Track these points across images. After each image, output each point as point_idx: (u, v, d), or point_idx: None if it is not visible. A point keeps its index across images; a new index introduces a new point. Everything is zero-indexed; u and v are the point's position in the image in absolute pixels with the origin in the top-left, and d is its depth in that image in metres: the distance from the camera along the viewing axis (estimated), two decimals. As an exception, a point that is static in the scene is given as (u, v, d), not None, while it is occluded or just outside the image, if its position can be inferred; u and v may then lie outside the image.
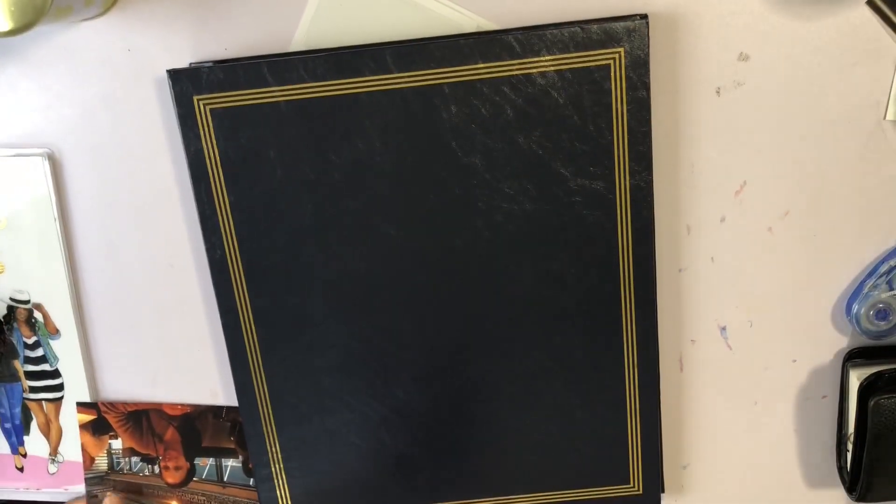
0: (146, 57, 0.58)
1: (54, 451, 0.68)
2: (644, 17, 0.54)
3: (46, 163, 0.60)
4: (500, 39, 0.54)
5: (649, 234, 0.58)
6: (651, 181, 0.57)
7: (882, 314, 0.60)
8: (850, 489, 0.63)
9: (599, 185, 0.57)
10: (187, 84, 0.55)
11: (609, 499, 0.65)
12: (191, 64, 0.56)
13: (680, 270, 0.61)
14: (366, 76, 0.55)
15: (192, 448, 0.67)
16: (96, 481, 0.68)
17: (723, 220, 0.60)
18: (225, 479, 0.67)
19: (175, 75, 0.55)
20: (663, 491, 0.65)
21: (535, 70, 0.55)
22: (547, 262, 0.59)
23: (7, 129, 0.60)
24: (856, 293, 0.61)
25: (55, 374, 0.66)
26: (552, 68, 0.55)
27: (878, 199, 0.59)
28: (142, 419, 0.66)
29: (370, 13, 0.56)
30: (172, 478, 0.68)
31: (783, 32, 0.56)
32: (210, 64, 0.55)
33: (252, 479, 0.67)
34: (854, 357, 0.62)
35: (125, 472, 0.68)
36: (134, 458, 0.68)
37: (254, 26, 0.56)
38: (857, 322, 0.61)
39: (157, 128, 0.59)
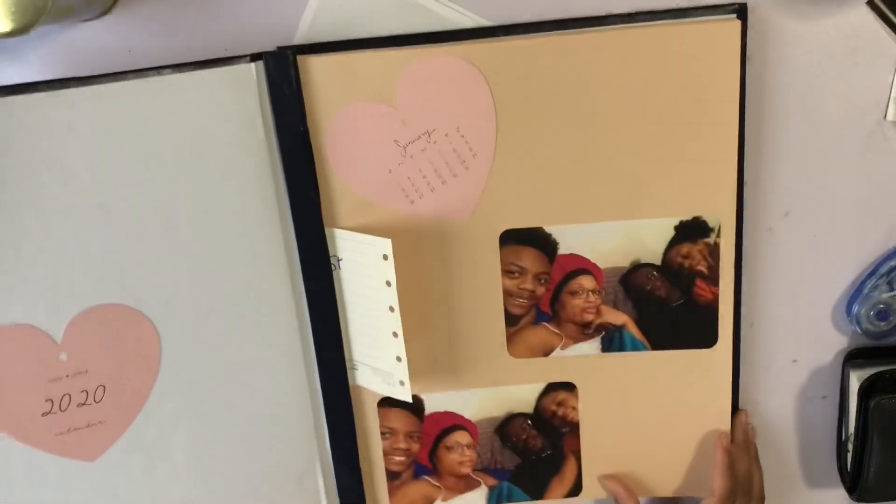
0: (146, 57, 0.58)
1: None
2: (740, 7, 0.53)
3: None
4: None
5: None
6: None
7: (882, 314, 0.60)
8: (850, 489, 0.63)
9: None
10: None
11: None
12: (277, 48, 0.56)
13: (680, 270, 0.61)
14: None
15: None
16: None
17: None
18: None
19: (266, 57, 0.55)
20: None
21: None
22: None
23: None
24: (856, 293, 0.61)
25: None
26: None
27: (878, 199, 0.59)
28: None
29: (371, 11, 0.56)
30: None
31: (783, 32, 0.56)
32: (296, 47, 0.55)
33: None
34: (854, 357, 0.62)
35: None
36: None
37: (255, 26, 0.56)
38: (858, 322, 0.61)
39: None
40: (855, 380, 0.61)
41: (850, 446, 0.63)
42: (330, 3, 0.55)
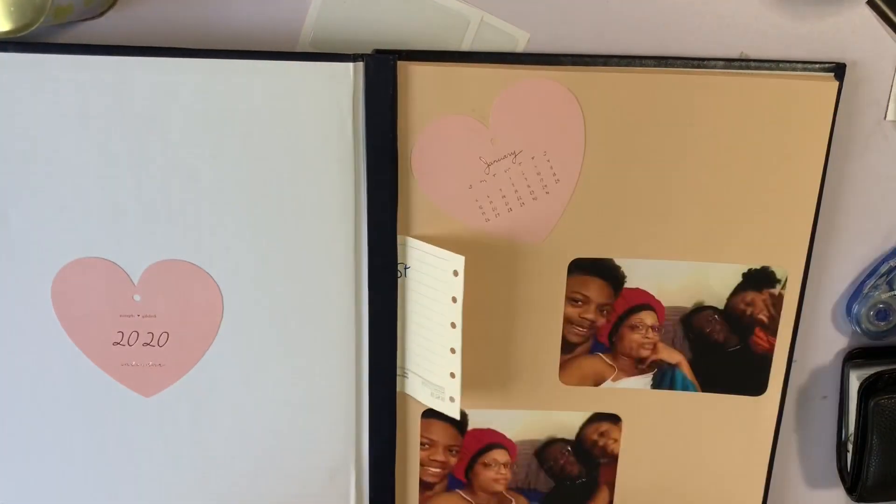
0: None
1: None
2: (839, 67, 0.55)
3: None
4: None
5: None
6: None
7: (882, 314, 0.60)
8: (850, 490, 0.63)
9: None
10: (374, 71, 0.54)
11: None
12: (374, 51, 0.55)
13: (680, 270, 0.61)
14: None
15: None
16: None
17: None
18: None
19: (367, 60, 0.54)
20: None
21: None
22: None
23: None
24: (856, 293, 0.61)
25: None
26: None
27: (878, 199, 0.59)
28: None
29: (373, 8, 0.55)
30: None
31: (783, 32, 0.56)
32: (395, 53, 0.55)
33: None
34: (854, 357, 0.62)
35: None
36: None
37: (257, 27, 0.56)
38: (858, 322, 0.61)
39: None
40: (855, 380, 0.61)
41: (850, 446, 0.63)
42: (334, 2, 0.55)
